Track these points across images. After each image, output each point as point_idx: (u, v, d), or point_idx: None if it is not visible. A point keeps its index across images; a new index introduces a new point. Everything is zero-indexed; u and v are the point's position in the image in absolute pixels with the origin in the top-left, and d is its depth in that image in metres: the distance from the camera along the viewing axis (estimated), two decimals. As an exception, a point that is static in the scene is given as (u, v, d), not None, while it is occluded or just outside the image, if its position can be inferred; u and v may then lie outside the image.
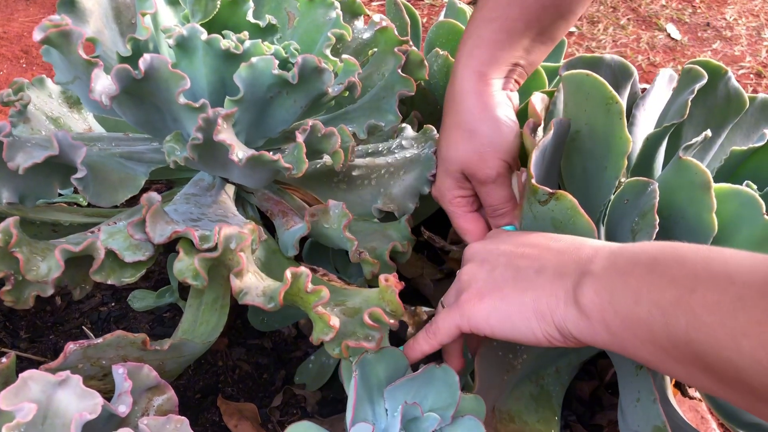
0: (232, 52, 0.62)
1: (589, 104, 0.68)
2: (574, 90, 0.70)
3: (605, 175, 0.68)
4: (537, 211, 0.63)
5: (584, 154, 0.71)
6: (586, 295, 0.49)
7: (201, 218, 0.65)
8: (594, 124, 0.68)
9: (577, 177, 0.74)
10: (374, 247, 0.70)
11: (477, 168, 0.71)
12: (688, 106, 0.68)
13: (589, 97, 0.67)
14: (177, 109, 0.60)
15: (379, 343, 0.58)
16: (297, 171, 0.62)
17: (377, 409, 0.61)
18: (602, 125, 0.67)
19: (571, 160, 0.74)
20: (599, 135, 0.68)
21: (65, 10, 0.67)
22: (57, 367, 0.55)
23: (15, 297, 0.60)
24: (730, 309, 0.39)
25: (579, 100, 0.69)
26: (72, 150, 0.62)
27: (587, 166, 0.71)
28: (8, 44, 1.51)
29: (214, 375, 0.86)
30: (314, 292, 0.56)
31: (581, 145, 0.71)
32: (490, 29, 0.69)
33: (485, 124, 0.70)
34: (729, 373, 0.40)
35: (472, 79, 0.70)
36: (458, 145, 0.71)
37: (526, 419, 0.69)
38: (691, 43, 2.05)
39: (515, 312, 0.54)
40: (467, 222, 0.75)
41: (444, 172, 0.74)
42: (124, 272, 0.62)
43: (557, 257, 0.55)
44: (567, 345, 0.53)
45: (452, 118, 0.72)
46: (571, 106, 0.72)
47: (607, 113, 0.66)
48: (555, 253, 0.56)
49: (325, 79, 0.63)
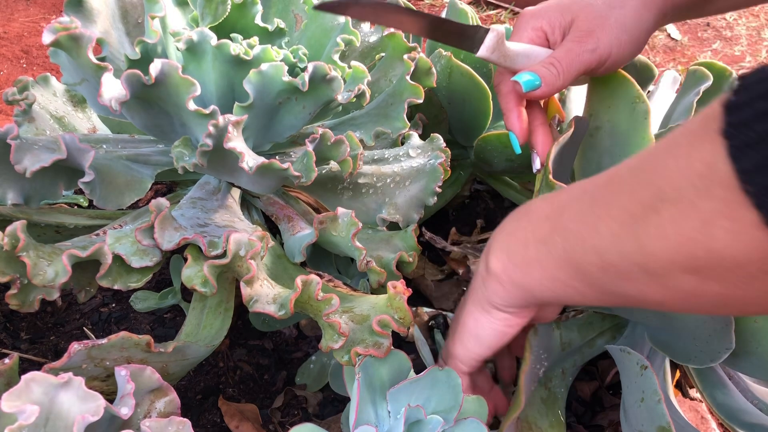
0: (242, 57, 0.62)
1: (614, 101, 0.68)
2: (600, 86, 0.70)
3: None
4: (551, 206, 0.63)
5: (601, 151, 0.71)
6: (492, 264, 0.55)
7: (208, 224, 0.65)
8: (616, 122, 0.68)
9: (591, 173, 0.73)
10: (381, 256, 0.70)
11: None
12: (694, 108, 0.69)
13: (614, 94, 0.68)
14: (186, 114, 0.60)
15: (388, 351, 0.58)
16: (306, 180, 0.62)
17: (380, 412, 0.61)
18: (626, 124, 0.67)
19: (586, 156, 0.74)
20: (621, 133, 0.68)
21: (73, 11, 0.67)
22: (61, 367, 0.54)
23: (20, 300, 0.60)
24: (587, 210, 0.46)
25: (604, 96, 0.69)
26: (80, 153, 0.61)
27: (603, 163, 0.71)
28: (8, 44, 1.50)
29: (215, 376, 0.86)
30: (325, 299, 0.56)
31: (599, 142, 0.71)
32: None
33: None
34: (596, 264, 0.45)
35: None
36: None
37: (540, 425, 0.69)
38: (691, 43, 2.05)
39: (473, 325, 0.60)
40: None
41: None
42: (131, 277, 0.62)
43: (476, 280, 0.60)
44: (520, 319, 0.58)
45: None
46: (594, 101, 0.72)
47: (632, 112, 0.66)
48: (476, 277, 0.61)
49: (334, 86, 0.63)
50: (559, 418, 0.70)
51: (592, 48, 0.67)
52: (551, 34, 0.71)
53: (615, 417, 0.84)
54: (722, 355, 0.62)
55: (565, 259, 0.48)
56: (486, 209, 1.17)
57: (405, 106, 0.73)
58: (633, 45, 0.69)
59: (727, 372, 0.76)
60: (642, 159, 0.43)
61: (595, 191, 0.46)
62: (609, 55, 0.68)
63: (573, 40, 0.68)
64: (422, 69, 0.75)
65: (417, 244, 0.74)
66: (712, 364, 0.63)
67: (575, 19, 0.69)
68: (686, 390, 0.90)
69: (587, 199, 0.46)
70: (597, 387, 0.89)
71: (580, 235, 0.46)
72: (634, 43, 0.69)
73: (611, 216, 0.43)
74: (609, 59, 0.68)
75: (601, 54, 0.68)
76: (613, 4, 0.69)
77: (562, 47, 0.69)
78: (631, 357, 0.68)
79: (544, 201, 0.53)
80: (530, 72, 0.68)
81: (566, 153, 0.68)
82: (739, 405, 0.72)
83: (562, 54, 0.68)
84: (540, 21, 0.71)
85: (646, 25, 0.70)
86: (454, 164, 1.07)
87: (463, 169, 1.10)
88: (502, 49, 0.68)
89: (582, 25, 0.69)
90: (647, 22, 0.69)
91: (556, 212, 0.49)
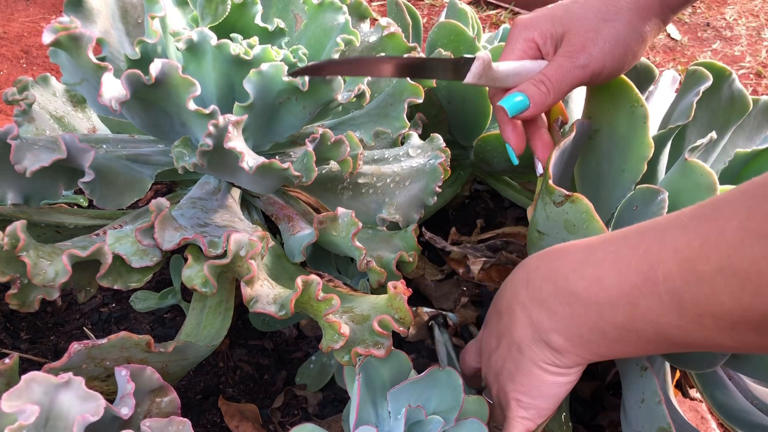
0: (242, 57, 0.62)
1: (613, 105, 0.68)
2: (599, 89, 0.70)
3: (622, 177, 0.68)
4: (551, 211, 0.63)
5: (600, 154, 0.71)
6: (563, 345, 0.54)
7: (208, 224, 0.65)
8: (615, 126, 0.68)
9: (591, 176, 0.74)
10: (381, 256, 0.70)
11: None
12: (694, 108, 0.68)
13: (613, 97, 0.67)
14: (186, 114, 0.60)
15: (388, 351, 0.58)
16: (306, 179, 0.62)
17: (380, 412, 0.61)
18: (624, 127, 0.67)
19: (586, 159, 0.74)
20: (619, 137, 0.68)
21: (72, 11, 0.67)
22: (61, 366, 0.54)
23: (20, 300, 0.60)
24: (675, 311, 0.44)
25: (603, 99, 0.69)
26: (80, 153, 0.61)
27: (602, 166, 0.71)
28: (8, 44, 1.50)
29: (215, 376, 0.86)
30: (325, 300, 0.56)
31: (598, 145, 0.71)
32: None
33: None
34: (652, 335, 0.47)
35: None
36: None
37: (551, 428, 0.69)
38: (691, 43, 2.05)
39: (547, 389, 0.58)
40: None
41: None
42: (131, 277, 0.62)
43: (515, 333, 0.58)
44: (580, 368, 0.58)
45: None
46: (593, 105, 0.72)
47: (631, 116, 0.66)
48: (508, 329, 0.60)
49: (334, 86, 0.63)
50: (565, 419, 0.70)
51: (584, 64, 0.66)
52: (543, 45, 0.70)
53: (615, 417, 0.84)
54: (720, 360, 0.62)
55: (657, 337, 0.47)
56: (486, 209, 1.17)
57: (405, 106, 0.73)
58: (627, 57, 0.68)
59: (727, 372, 0.76)
60: (728, 257, 0.41)
61: (682, 292, 0.43)
62: (602, 69, 0.67)
63: (564, 54, 0.67)
64: (422, 69, 0.75)
65: (417, 243, 0.74)
66: (710, 369, 0.64)
67: (566, 32, 0.68)
68: (686, 390, 0.90)
69: (668, 298, 0.44)
70: (597, 387, 0.89)
71: (675, 328, 0.45)
72: (629, 55, 0.68)
73: (703, 325, 0.43)
74: (603, 73, 0.67)
75: (593, 69, 0.67)
76: (607, 17, 0.67)
77: (552, 63, 0.68)
78: (631, 358, 0.68)
79: (586, 284, 0.51)
80: (518, 92, 0.67)
81: (568, 156, 0.68)
82: (739, 405, 0.72)
83: (552, 71, 0.67)
84: (532, 32, 0.70)
85: (641, 36, 0.68)
86: (453, 164, 1.07)
87: (463, 169, 1.10)
88: (489, 73, 0.67)
89: (573, 40, 0.67)
90: (643, 34, 0.68)
91: (628, 302, 0.47)
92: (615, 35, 0.66)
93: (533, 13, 0.72)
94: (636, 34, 0.68)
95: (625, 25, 0.67)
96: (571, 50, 0.67)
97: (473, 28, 1.07)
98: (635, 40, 0.68)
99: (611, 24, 0.67)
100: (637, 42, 0.68)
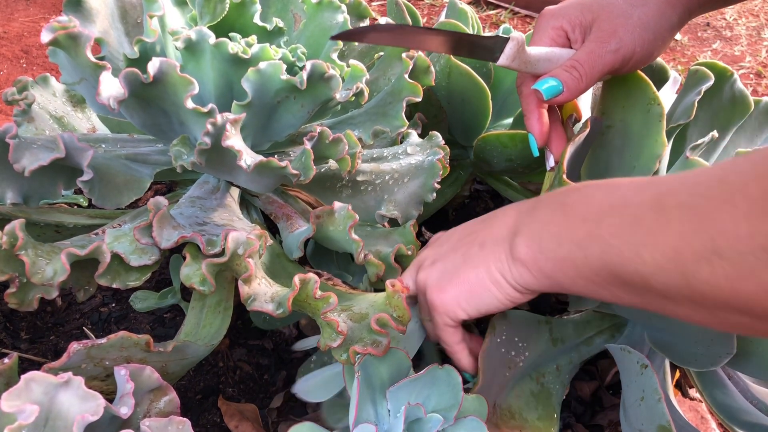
0: (240, 56, 0.62)
1: (629, 102, 0.68)
2: (615, 85, 0.70)
3: (631, 174, 0.68)
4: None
5: (611, 149, 0.71)
6: (521, 250, 0.55)
7: (207, 222, 0.65)
8: (630, 123, 0.68)
9: (599, 171, 0.74)
10: (379, 251, 0.70)
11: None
12: (695, 108, 0.69)
13: (630, 94, 0.67)
14: (184, 113, 0.60)
15: (386, 349, 0.58)
16: (305, 178, 0.62)
17: (380, 410, 0.61)
18: (639, 125, 0.67)
19: (596, 154, 0.73)
20: (633, 134, 0.68)
21: (71, 10, 0.67)
22: (60, 366, 0.54)
23: (19, 299, 0.60)
24: (629, 229, 0.45)
25: (619, 96, 0.69)
26: (78, 152, 0.61)
27: (613, 162, 0.71)
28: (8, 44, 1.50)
29: (215, 376, 0.86)
30: (323, 298, 0.56)
31: (610, 141, 0.71)
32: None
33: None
34: (639, 283, 0.45)
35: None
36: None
37: (526, 416, 0.69)
38: (691, 43, 2.05)
39: (476, 287, 0.59)
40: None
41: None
42: (130, 276, 0.62)
43: (491, 230, 0.61)
44: (525, 299, 0.59)
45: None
46: (607, 101, 0.72)
47: (647, 114, 0.66)
48: (488, 226, 0.62)
49: (333, 85, 0.63)
50: (552, 413, 0.70)
51: (615, 48, 0.66)
52: (572, 33, 0.70)
53: (615, 417, 0.84)
54: (723, 359, 0.62)
55: (604, 267, 0.47)
56: (486, 209, 1.17)
57: (404, 105, 0.73)
58: (657, 43, 0.68)
59: (727, 372, 0.76)
60: (693, 195, 0.41)
61: (639, 211, 0.45)
62: (633, 54, 0.67)
63: (594, 40, 0.67)
64: (421, 67, 0.75)
65: (416, 239, 0.74)
66: (712, 368, 0.63)
67: (596, 18, 0.68)
68: (686, 390, 0.90)
69: (629, 216, 0.45)
70: (597, 386, 0.89)
71: (621, 253, 0.45)
72: (659, 41, 0.68)
73: (656, 247, 0.43)
74: (633, 58, 0.67)
75: (624, 54, 0.67)
76: (635, 3, 0.67)
77: (583, 49, 0.68)
78: (631, 356, 0.68)
79: (581, 197, 0.52)
80: (552, 77, 0.67)
81: (579, 152, 0.68)
82: (739, 405, 0.72)
83: (583, 56, 0.67)
84: (560, 20, 0.70)
85: (670, 23, 0.68)
86: (453, 164, 1.07)
87: (463, 169, 1.10)
88: (522, 56, 0.68)
89: (603, 25, 0.67)
90: (671, 20, 0.68)
91: (594, 218, 0.49)
92: (645, 20, 0.67)
93: (561, 3, 0.73)
94: (665, 21, 0.68)
95: (655, 11, 0.67)
96: (601, 35, 0.67)
97: (473, 27, 1.07)
98: (664, 26, 0.68)
99: (641, 9, 0.67)
100: (666, 28, 0.68)
